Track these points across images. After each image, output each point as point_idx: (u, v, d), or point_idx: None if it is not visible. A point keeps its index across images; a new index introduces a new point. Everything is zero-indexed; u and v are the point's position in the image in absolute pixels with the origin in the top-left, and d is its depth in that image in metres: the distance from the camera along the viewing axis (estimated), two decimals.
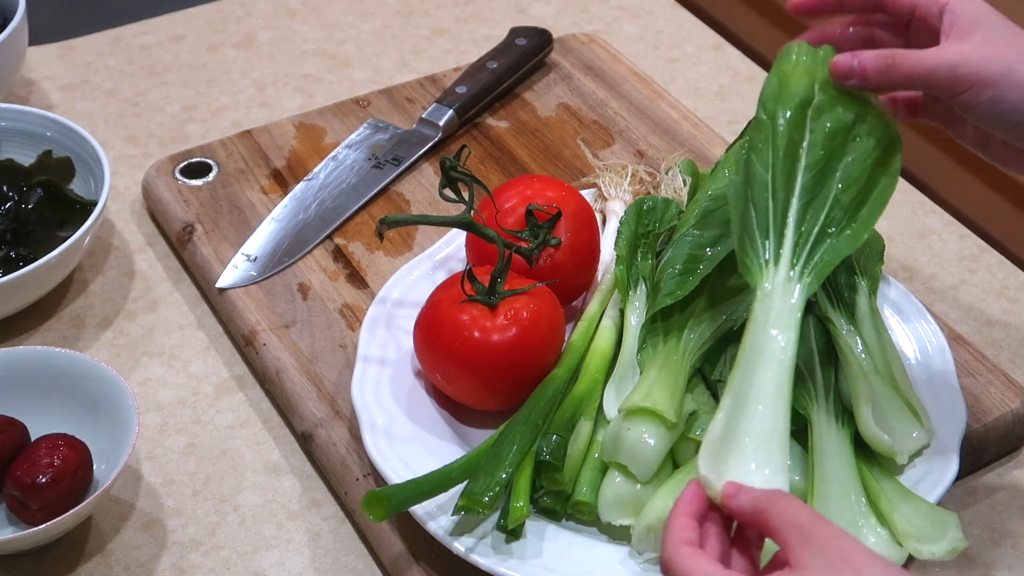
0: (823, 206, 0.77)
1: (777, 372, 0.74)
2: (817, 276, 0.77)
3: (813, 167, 0.77)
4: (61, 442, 0.87)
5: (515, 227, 0.95)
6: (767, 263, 0.77)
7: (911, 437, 0.86)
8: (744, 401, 0.74)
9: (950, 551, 0.80)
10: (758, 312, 0.76)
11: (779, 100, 0.79)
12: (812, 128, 0.78)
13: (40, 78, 1.31)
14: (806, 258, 0.76)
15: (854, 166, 0.78)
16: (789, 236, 0.76)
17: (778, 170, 0.77)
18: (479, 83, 1.21)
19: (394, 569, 0.86)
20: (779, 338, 0.75)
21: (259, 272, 1.05)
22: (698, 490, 0.71)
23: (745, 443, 0.72)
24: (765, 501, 0.68)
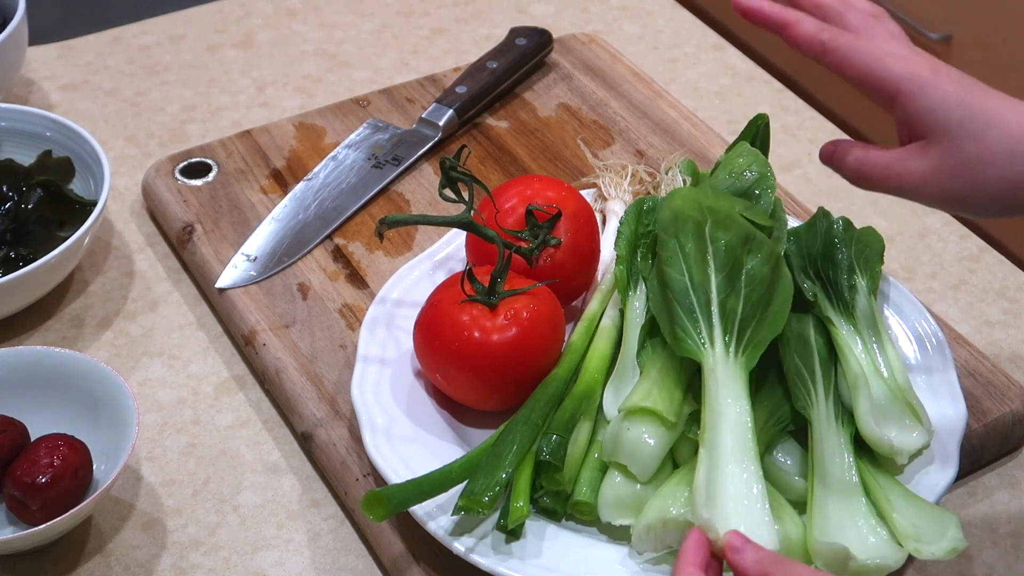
0: (739, 300, 0.84)
1: (740, 437, 0.79)
2: (751, 355, 0.83)
3: (721, 270, 0.84)
4: (61, 442, 0.87)
5: (515, 227, 0.95)
6: (703, 344, 0.83)
7: (911, 437, 0.86)
8: (717, 461, 0.79)
9: (950, 551, 0.80)
10: (710, 386, 0.82)
11: (677, 224, 0.86)
12: (712, 240, 0.85)
13: (40, 78, 1.31)
14: (736, 339, 0.83)
15: (755, 269, 0.84)
16: (717, 323, 0.83)
17: (693, 274, 0.85)
18: (479, 83, 1.21)
19: (394, 569, 0.86)
20: (734, 406, 0.80)
21: (259, 272, 1.05)
22: (701, 538, 0.73)
23: (728, 505, 0.76)
24: (769, 564, 0.70)
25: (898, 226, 1.14)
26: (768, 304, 0.84)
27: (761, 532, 0.75)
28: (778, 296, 0.85)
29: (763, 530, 0.75)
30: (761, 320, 0.83)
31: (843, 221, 0.96)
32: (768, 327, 0.84)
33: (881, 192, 0.83)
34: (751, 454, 0.79)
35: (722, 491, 0.77)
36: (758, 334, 0.83)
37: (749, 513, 0.76)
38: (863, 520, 0.81)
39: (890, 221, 1.14)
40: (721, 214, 0.86)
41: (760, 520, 0.76)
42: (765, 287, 0.84)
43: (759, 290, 0.84)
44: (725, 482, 0.77)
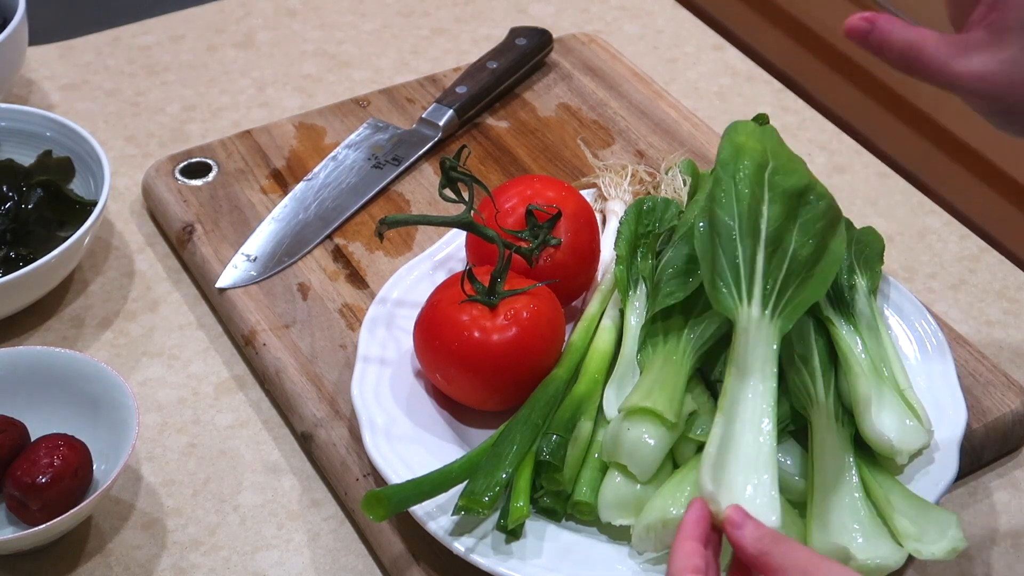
0: (785, 257, 0.81)
1: (761, 409, 0.78)
2: (788, 317, 0.80)
3: (774, 220, 0.81)
4: (61, 442, 0.87)
5: (515, 227, 0.95)
6: (740, 301, 0.80)
7: (911, 437, 0.86)
8: (733, 430, 0.77)
9: (950, 551, 0.80)
10: (739, 345, 0.80)
11: (738, 161, 0.82)
12: (771, 186, 0.82)
13: (40, 78, 1.31)
14: (775, 299, 0.80)
15: (809, 224, 0.82)
16: (759, 279, 0.80)
17: (743, 221, 0.81)
18: (479, 83, 1.21)
19: (394, 569, 0.86)
20: (760, 370, 0.79)
21: (259, 272, 1.05)
22: (703, 511, 0.72)
23: (737, 477, 0.75)
24: (769, 542, 0.69)
25: (898, 226, 1.14)
26: (816, 263, 0.80)
27: (765, 510, 0.74)
28: (827, 256, 0.81)
29: (767, 508, 0.74)
30: (805, 280, 0.80)
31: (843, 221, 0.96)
32: (811, 289, 0.80)
33: (925, 79, 0.76)
34: (769, 425, 0.77)
35: (732, 464, 0.76)
36: (799, 295, 0.80)
37: (755, 490, 0.75)
38: (863, 520, 0.81)
39: (890, 221, 1.14)
40: (784, 158, 0.82)
41: (766, 499, 0.74)
42: (816, 244, 0.80)
43: (809, 247, 0.80)
44: (737, 452, 0.76)
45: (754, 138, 0.84)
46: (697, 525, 0.71)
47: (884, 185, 1.19)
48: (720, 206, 0.82)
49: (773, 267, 0.80)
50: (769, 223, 0.80)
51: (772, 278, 0.80)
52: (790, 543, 0.69)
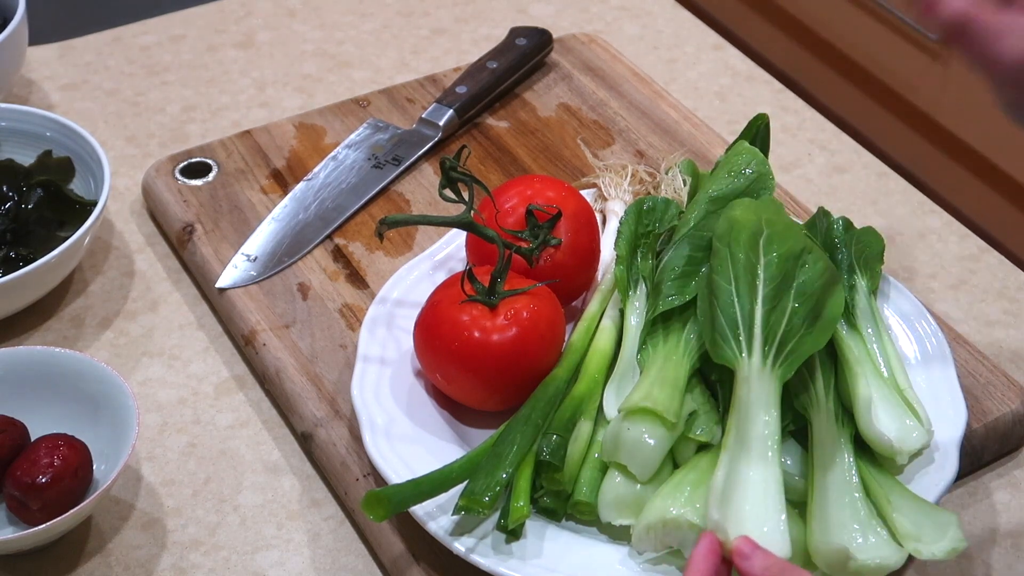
0: (784, 314, 0.83)
1: (765, 444, 0.79)
2: (789, 367, 0.82)
3: (771, 282, 0.83)
4: (61, 442, 0.87)
5: (515, 227, 0.95)
6: (740, 354, 0.82)
7: (911, 437, 0.86)
8: (738, 465, 0.79)
9: (950, 551, 0.80)
10: (740, 393, 0.81)
11: (732, 233, 0.86)
12: (765, 252, 0.84)
13: (40, 78, 1.31)
14: (776, 352, 0.82)
15: (807, 285, 0.84)
16: (758, 334, 0.83)
17: (740, 283, 0.84)
18: (479, 83, 1.21)
19: (394, 569, 0.86)
20: (763, 415, 0.80)
21: (259, 272, 1.05)
22: (712, 545, 0.72)
23: (744, 508, 0.76)
24: (777, 572, 0.70)
25: (898, 226, 1.14)
26: (815, 319, 0.83)
27: (774, 539, 0.75)
28: (827, 312, 0.84)
29: (776, 537, 0.75)
30: (805, 335, 0.83)
31: (843, 221, 0.97)
32: (811, 341, 0.83)
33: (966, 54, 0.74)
34: (773, 463, 0.79)
35: (739, 494, 0.77)
36: (800, 347, 0.82)
37: (764, 519, 0.76)
38: (863, 520, 0.81)
39: (890, 221, 1.14)
40: (779, 226, 0.85)
41: (774, 527, 0.76)
42: (814, 302, 0.83)
43: (807, 305, 0.83)
44: (744, 486, 0.77)
45: (749, 211, 0.87)
46: (706, 559, 0.72)
47: (884, 185, 1.19)
48: (717, 272, 0.85)
49: (772, 323, 0.82)
50: (765, 284, 0.83)
51: (772, 332, 0.82)
52: (799, 573, 0.69)
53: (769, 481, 0.78)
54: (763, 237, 0.85)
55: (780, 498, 0.77)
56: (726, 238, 0.86)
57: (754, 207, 0.87)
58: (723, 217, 0.87)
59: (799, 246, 0.85)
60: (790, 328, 0.82)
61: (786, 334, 0.82)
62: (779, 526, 0.76)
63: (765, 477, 0.78)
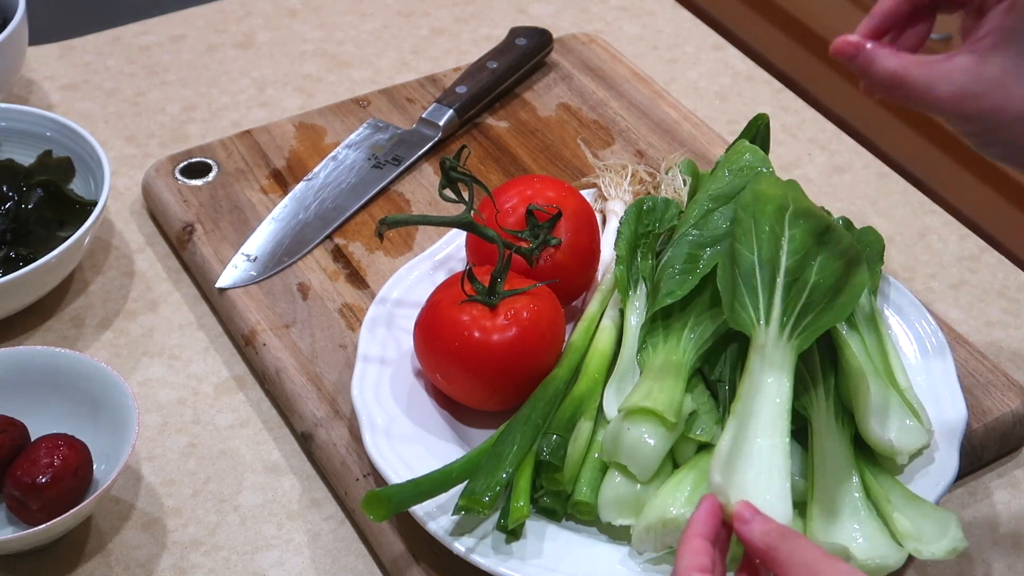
0: (805, 287, 0.82)
1: (776, 411, 0.79)
2: (807, 338, 0.82)
3: (794, 254, 0.83)
4: (61, 442, 0.87)
5: (515, 227, 0.95)
6: (757, 322, 0.82)
7: (911, 437, 0.86)
8: (746, 432, 0.78)
9: (950, 551, 0.80)
10: (754, 360, 0.81)
11: (758, 204, 0.85)
12: (791, 226, 0.84)
13: (40, 78, 1.31)
14: (794, 322, 0.82)
15: (830, 261, 0.83)
16: (777, 303, 0.82)
17: (763, 254, 0.83)
18: (479, 83, 1.21)
19: (394, 569, 0.86)
20: (775, 384, 0.80)
21: (259, 272, 1.05)
22: (713, 508, 0.72)
23: (748, 474, 0.76)
24: (777, 537, 0.68)
25: (898, 226, 1.14)
26: (837, 294, 0.83)
27: (776, 505, 0.74)
28: (849, 288, 0.83)
29: (778, 503, 0.75)
30: (825, 308, 0.82)
31: (843, 221, 0.97)
32: (831, 315, 0.82)
33: (909, 104, 0.78)
34: (782, 431, 0.78)
35: (743, 459, 0.77)
36: (819, 320, 0.82)
37: (766, 484, 0.76)
38: (863, 520, 0.81)
39: (890, 221, 1.14)
40: (803, 204, 0.85)
41: (777, 493, 0.75)
42: (836, 278, 0.83)
43: (829, 279, 0.82)
44: (749, 452, 0.77)
45: (775, 186, 0.86)
46: (707, 522, 0.71)
47: (884, 185, 1.19)
48: (740, 242, 0.84)
49: (793, 294, 0.82)
50: (789, 256, 0.83)
51: (792, 303, 0.82)
52: (799, 539, 0.68)
53: (776, 449, 0.77)
54: (789, 211, 0.84)
55: (786, 466, 0.77)
56: (751, 208, 0.85)
57: (781, 183, 0.87)
58: (749, 188, 0.87)
59: (823, 224, 0.84)
60: (811, 300, 0.82)
61: (806, 306, 0.82)
62: (782, 493, 0.75)
63: (772, 445, 0.77)
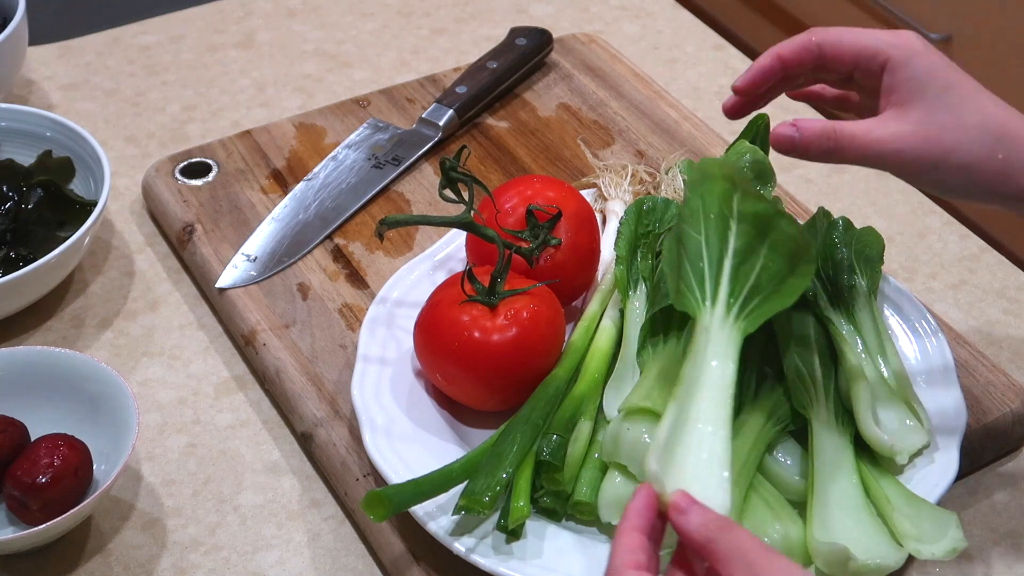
0: (753, 269, 0.80)
1: (718, 398, 0.76)
2: (753, 321, 0.79)
3: (743, 236, 0.80)
4: (61, 442, 0.87)
5: (515, 227, 0.95)
6: (704, 302, 0.79)
7: (911, 437, 0.86)
8: (686, 418, 0.75)
9: (950, 551, 0.80)
10: (698, 342, 0.78)
11: (704, 185, 0.82)
12: (739, 209, 0.81)
13: (40, 78, 1.31)
14: (741, 304, 0.79)
15: (779, 244, 0.80)
16: (724, 284, 0.79)
17: (711, 235, 0.81)
18: (479, 83, 1.21)
19: (394, 569, 0.86)
20: (719, 367, 0.77)
21: (259, 272, 1.05)
22: (649, 498, 0.69)
23: (687, 462, 0.73)
24: (715, 528, 0.66)
25: (898, 226, 1.14)
26: (784, 279, 0.80)
27: (714, 495, 0.71)
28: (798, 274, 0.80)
29: (717, 493, 0.71)
30: (773, 292, 0.79)
31: (843, 221, 0.97)
32: (778, 300, 0.80)
33: (851, 163, 0.82)
34: (724, 418, 0.75)
35: (682, 448, 0.73)
36: (766, 304, 0.79)
37: (705, 473, 0.72)
38: (863, 520, 0.81)
39: (890, 221, 1.14)
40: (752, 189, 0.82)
41: (716, 482, 0.72)
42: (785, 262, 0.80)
43: (778, 263, 0.80)
44: (689, 440, 0.74)
45: (722, 168, 0.84)
46: (643, 514, 0.68)
47: (884, 185, 1.19)
48: (687, 222, 0.82)
49: (741, 275, 0.80)
50: (738, 237, 0.80)
51: (740, 285, 0.79)
52: (737, 530, 0.66)
53: (716, 436, 0.74)
54: (737, 193, 0.81)
55: (726, 455, 0.73)
56: (699, 188, 0.82)
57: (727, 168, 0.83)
58: (695, 168, 0.84)
59: (772, 209, 0.81)
60: (759, 283, 0.79)
61: (754, 288, 0.79)
62: (721, 483, 0.72)
63: (713, 432, 0.74)
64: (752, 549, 0.65)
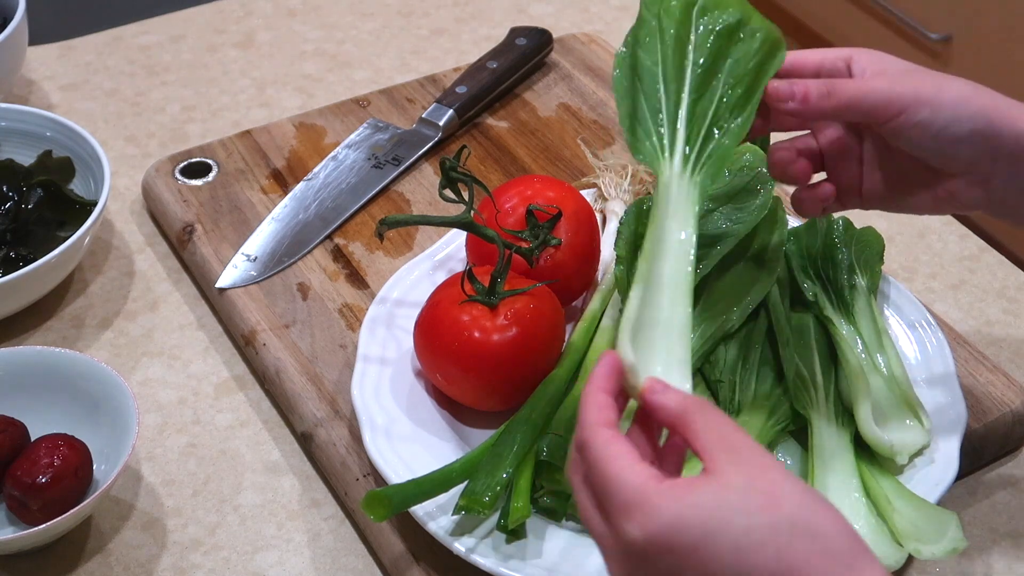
0: (711, 103, 0.75)
1: (678, 264, 0.72)
2: (709, 172, 0.75)
3: (701, 64, 0.75)
4: (61, 442, 0.87)
5: (515, 227, 0.95)
6: (662, 151, 0.75)
7: (911, 437, 0.86)
8: (651, 291, 0.72)
9: (950, 551, 0.80)
10: (660, 204, 0.74)
11: (663, 1, 0.77)
12: (698, 26, 0.76)
13: (40, 78, 1.31)
14: (698, 152, 0.74)
15: (739, 64, 0.75)
16: (681, 128, 0.74)
17: (668, 65, 0.75)
18: (479, 83, 1.21)
19: (394, 569, 0.86)
20: (678, 231, 0.73)
21: (259, 272, 1.05)
22: (615, 364, 0.68)
23: (652, 334, 0.70)
24: (691, 405, 0.65)
25: (898, 226, 1.14)
26: (744, 104, 0.75)
27: (677, 379, 0.69)
28: (754, 99, 0.75)
29: (677, 377, 0.69)
30: (726, 132, 0.74)
31: (843, 221, 0.97)
32: (733, 135, 0.75)
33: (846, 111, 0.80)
34: (686, 289, 0.71)
35: (650, 329, 0.70)
36: (721, 145, 0.75)
37: (666, 357, 0.69)
38: (863, 520, 0.81)
39: (890, 221, 1.14)
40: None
41: (680, 355, 0.70)
42: (747, 86, 0.75)
43: (738, 90, 0.74)
44: (656, 312, 0.71)
45: None
46: (609, 378, 0.67)
47: None
48: (643, 47, 0.76)
49: (698, 114, 0.74)
50: (695, 67, 0.74)
51: (696, 127, 0.74)
52: (715, 410, 0.65)
53: (676, 315, 0.70)
54: (697, 6, 0.76)
55: (687, 331, 0.70)
56: (655, 5, 0.76)
57: None
58: None
59: (736, 16, 0.75)
60: (715, 121, 0.75)
61: (709, 129, 0.74)
62: (681, 367, 0.69)
63: (676, 308, 0.70)
64: (726, 425, 0.64)
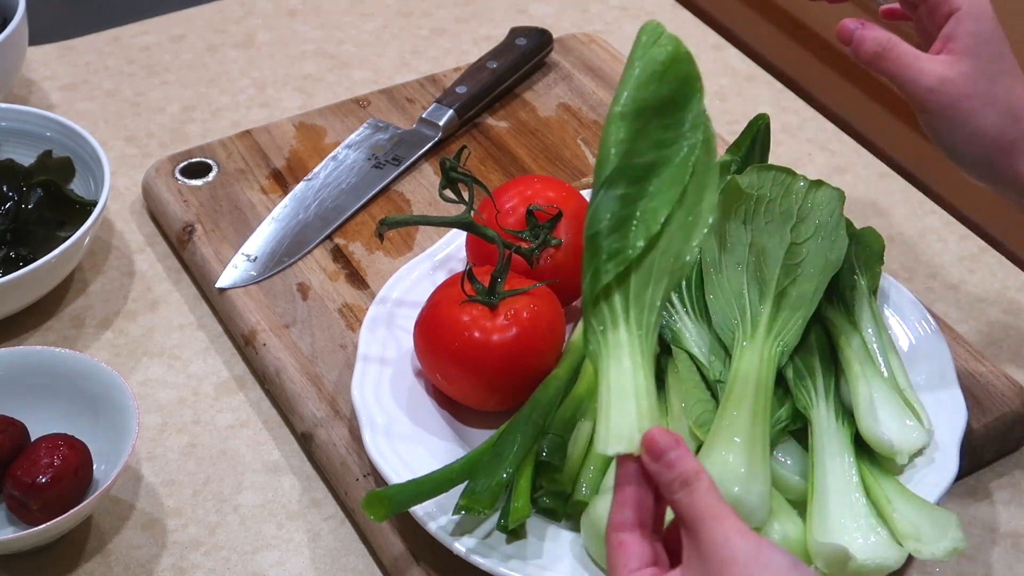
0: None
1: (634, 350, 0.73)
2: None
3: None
4: (61, 442, 0.87)
5: (515, 227, 0.95)
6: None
7: (911, 437, 0.86)
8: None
9: (950, 551, 0.80)
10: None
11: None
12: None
13: (40, 78, 1.31)
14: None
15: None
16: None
17: None
18: (479, 83, 1.21)
19: (394, 569, 0.86)
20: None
21: (259, 272, 1.05)
22: (636, 472, 0.69)
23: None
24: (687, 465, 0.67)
25: (898, 226, 1.14)
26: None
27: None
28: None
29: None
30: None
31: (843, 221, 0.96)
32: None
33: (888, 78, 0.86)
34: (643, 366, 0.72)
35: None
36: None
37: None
38: (863, 520, 0.81)
39: (890, 221, 1.14)
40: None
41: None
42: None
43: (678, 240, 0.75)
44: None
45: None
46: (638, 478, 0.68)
47: (884, 185, 1.19)
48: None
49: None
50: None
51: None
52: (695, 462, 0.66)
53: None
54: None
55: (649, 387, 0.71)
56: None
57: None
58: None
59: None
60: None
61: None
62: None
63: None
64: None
